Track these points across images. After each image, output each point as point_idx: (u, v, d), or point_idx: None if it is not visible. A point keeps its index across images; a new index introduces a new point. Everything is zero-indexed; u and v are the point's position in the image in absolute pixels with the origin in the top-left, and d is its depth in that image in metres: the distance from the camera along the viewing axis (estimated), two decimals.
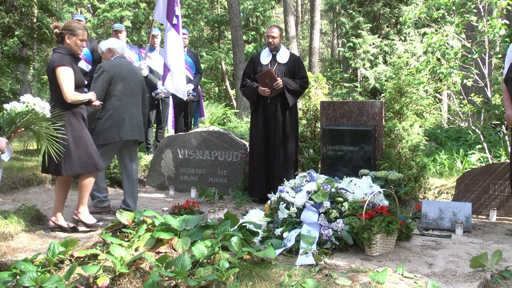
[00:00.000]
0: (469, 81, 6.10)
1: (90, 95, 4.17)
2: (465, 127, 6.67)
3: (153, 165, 6.32)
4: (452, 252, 3.54)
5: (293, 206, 3.73)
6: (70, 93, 3.92)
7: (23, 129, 3.29)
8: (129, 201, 4.76)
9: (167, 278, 2.64)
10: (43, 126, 3.36)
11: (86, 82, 6.76)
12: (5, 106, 3.24)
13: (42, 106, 3.36)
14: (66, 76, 3.91)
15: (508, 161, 4.89)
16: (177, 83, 6.61)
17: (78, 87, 4.05)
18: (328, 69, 16.09)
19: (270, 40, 5.40)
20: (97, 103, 4.26)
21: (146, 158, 6.88)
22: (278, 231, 3.66)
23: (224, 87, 19.47)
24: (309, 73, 5.89)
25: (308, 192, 3.72)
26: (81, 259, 2.90)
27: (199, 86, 7.65)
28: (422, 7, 7.23)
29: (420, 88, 5.99)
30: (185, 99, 6.90)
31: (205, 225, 3.17)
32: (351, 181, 3.97)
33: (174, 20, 6.46)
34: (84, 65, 6.91)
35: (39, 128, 3.34)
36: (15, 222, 4.15)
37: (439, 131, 8.78)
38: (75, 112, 4.04)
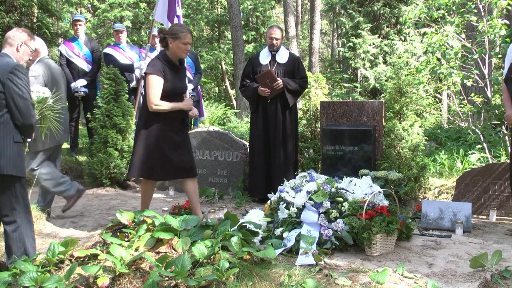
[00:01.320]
0: (469, 81, 6.09)
1: (182, 105, 3.96)
2: (465, 127, 6.66)
3: None
4: (452, 252, 3.54)
5: (293, 206, 3.73)
6: (153, 102, 3.81)
7: (37, 114, 3.59)
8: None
9: (167, 278, 2.64)
10: (49, 110, 3.74)
11: (86, 82, 6.84)
12: None
13: (49, 95, 3.78)
14: (152, 85, 3.82)
15: (508, 161, 4.89)
16: None
17: (172, 96, 3.90)
18: (328, 70, 16.09)
19: (274, 42, 5.38)
20: (193, 112, 4.12)
21: None
22: (278, 231, 3.66)
23: (224, 87, 19.46)
24: (309, 73, 5.89)
25: (308, 192, 3.72)
26: (81, 259, 2.89)
27: (199, 86, 7.64)
28: (422, 7, 7.22)
29: (420, 88, 5.99)
30: None
31: (205, 225, 3.17)
32: (351, 181, 3.97)
33: (176, 21, 6.46)
34: (84, 65, 6.93)
35: (47, 112, 3.72)
36: None
37: (439, 131, 8.77)
38: (159, 119, 3.88)
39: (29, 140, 3.48)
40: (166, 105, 3.85)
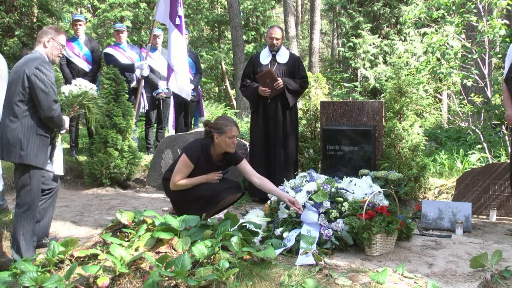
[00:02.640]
0: (469, 81, 6.09)
1: (205, 179, 3.91)
2: (465, 127, 6.66)
3: (153, 165, 6.32)
4: (452, 252, 3.54)
5: None
6: (174, 183, 3.85)
7: (78, 107, 3.82)
8: None
9: (167, 278, 2.63)
10: (92, 102, 3.91)
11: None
12: (62, 89, 3.84)
13: (91, 87, 3.90)
14: (180, 168, 3.83)
15: (508, 161, 4.89)
16: (181, 83, 6.62)
17: (192, 176, 3.90)
18: (328, 69, 16.09)
19: (275, 42, 5.38)
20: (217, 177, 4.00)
21: (146, 158, 6.88)
22: (278, 231, 3.66)
23: (224, 87, 19.46)
24: (309, 73, 5.89)
25: (308, 192, 3.72)
26: (81, 259, 2.89)
27: (199, 86, 7.65)
28: (422, 7, 7.23)
29: (420, 88, 5.98)
30: (188, 99, 6.92)
31: (205, 225, 3.17)
32: (351, 181, 3.97)
33: (177, 21, 6.46)
34: (84, 65, 6.93)
35: (89, 104, 3.90)
36: None
37: (439, 131, 8.78)
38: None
39: (62, 132, 3.71)
40: (186, 184, 3.88)
